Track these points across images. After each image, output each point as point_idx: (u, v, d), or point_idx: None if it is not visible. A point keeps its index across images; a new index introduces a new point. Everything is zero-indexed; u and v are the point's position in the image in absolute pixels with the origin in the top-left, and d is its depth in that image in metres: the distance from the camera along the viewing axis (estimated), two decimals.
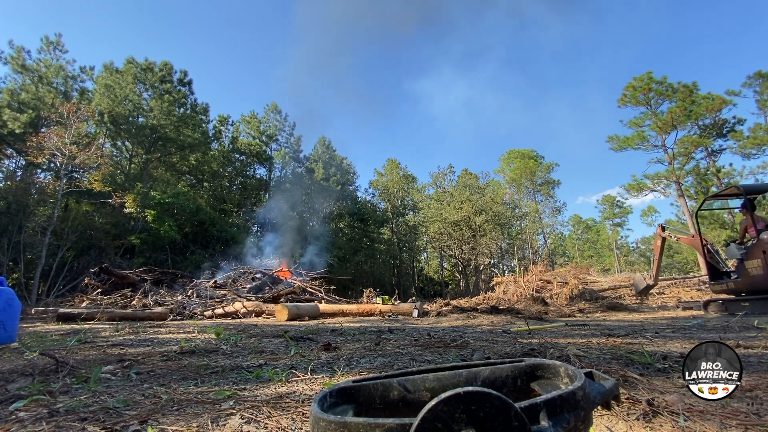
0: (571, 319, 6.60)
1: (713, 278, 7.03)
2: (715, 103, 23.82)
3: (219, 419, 1.21)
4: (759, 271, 5.89)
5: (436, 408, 0.50)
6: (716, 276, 7.03)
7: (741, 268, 6.22)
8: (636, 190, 27.96)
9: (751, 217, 6.43)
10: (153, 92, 22.29)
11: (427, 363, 2.22)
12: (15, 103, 17.49)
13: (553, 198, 41.90)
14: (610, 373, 1.67)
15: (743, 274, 6.15)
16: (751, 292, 6.08)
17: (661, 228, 8.89)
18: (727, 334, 3.32)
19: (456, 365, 0.85)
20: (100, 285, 11.25)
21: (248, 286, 11.97)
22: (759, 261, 5.88)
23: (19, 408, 1.34)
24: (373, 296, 14.03)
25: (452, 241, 33.25)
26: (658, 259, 8.98)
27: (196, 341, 3.39)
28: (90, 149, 17.26)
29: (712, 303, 6.69)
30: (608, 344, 2.72)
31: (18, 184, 16.94)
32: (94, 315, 6.86)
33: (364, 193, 39.02)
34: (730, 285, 6.45)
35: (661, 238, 8.82)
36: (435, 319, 7.19)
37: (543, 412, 0.56)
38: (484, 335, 3.69)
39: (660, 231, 8.85)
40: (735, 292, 6.42)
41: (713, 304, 6.64)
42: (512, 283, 13.47)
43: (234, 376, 1.94)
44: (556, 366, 0.79)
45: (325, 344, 2.95)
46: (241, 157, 29.96)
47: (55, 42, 20.05)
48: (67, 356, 2.51)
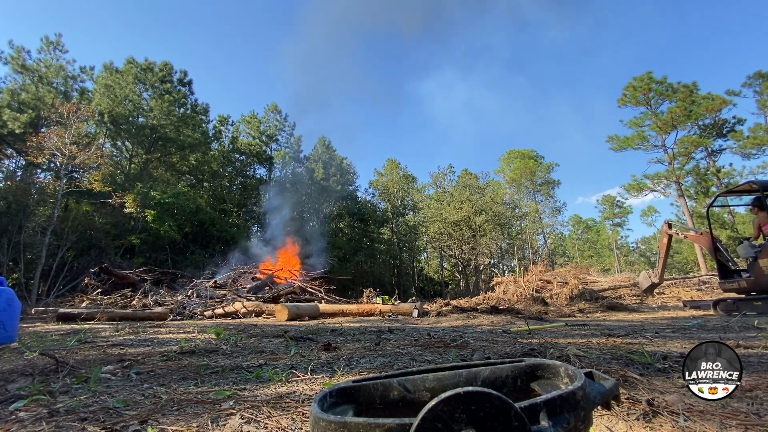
0: (571, 319, 6.60)
1: (723, 276, 6.80)
2: (715, 103, 23.82)
3: (219, 419, 1.21)
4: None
5: (436, 408, 0.50)
6: (727, 274, 6.81)
7: (755, 267, 6.02)
8: (636, 190, 27.96)
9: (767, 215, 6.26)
10: (153, 92, 22.28)
11: (427, 363, 2.22)
12: (15, 103, 17.49)
13: (553, 198, 41.92)
14: (610, 373, 1.67)
15: (757, 272, 5.95)
16: (765, 290, 5.91)
17: (667, 225, 8.55)
18: (727, 334, 3.32)
19: (456, 365, 0.85)
20: (100, 285, 11.25)
21: (248, 286, 11.97)
22: None
23: (19, 408, 1.34)
24: (373, 296, 14.02)
25: (452, 241, 33.25)
26: (664, 257, 8.61)
27: (196, 341, 3.39)
28: (90, 149, 17.26)
29: (721, 302, 6.48)
30: (608, 344, 2.72)
31: (18, 184, 16.94)
32: (94, 315, 6.86)
33: (364, 193, 39.05)
34: (743, 284, 6.25)
35: (668, 235, 8.45)
36: (435, 319, 7.19)
37: (543, 412, 0.56)
38: (484, 335, 3.69)
39: (666, 228, 8.50)
40: (747, 290, 6.24)
41: (723, 303, 6.44)
42: (512, 283, 13.46)
43: (234, 376, 1.94)
44: (556, 366, 0.79)
45: (325, 344, 2.95)
46: (241, 157, 29.96)
47: (56, 42, 20.05)
48: (67, 356, 2.51)
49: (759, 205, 6.57)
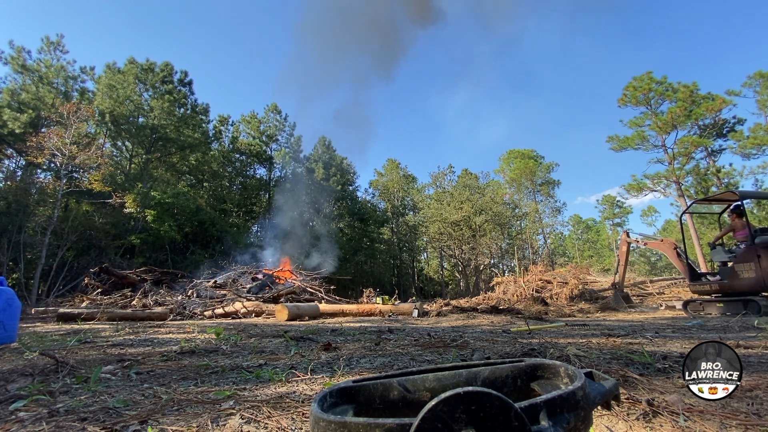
0: (571, 319, 6.60)
1: (692, 279, 7.22)
2: (715, 103, 23.80)
3: (219, 419, 1.21)
4: (750, 273, 6.00)
5: (436, 408, 0.50)
6: (695, 277, 7.24)
7: (729, 271, 6.36)
8: (636, 190, 27.93)
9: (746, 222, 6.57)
10: (154, 92, 22.29)
11: (427, 363, 2.22)
12: (15, 103, 17.48)
13: (553, 198, 41.90)
14: (610, 373, 1.67)
15: (732, 276, 6.27)
16: (739, 293, 6.19)
17: (626, 234, 9.23)
18: (727, 334, 3.32)
19: (456, 365, 0.85)
20: (100, 285, 11.25)
21: (248, 286, 11.97)
22: (752, 264, 6.00)
23: (19, 408, 1.34)
24: (373, 296, 14.02)
25: (452, 241, 33.24)
26: (624, 265, 9.26)
27: (196, 341, 3.39)
28: (90, 149, 17.26)
29: (691, 303, 6.95)
30: (608, 344, 2.72)
31: (18, 184, 16.93)
32: (94, 315, 6.86)
33: (364, 193, 39.04)
34: (714, 286, 6.58)
35: (627, 243, 9.18)
36: (435, 319, 7.19)
37: (543, 412, 0.56)
38: (484, 335, 3.69)
39: (625, 237, 9.26)
40: (719, 293, 6.55)
41: (692, 303, 6.90)
42: (512, 283, 13.46)
43: (234, 376, 1.94)
44: (556, 366, 0.79)
45: (325, 344, 2.95)
46: (241, 157, 29.95)
47: (56, 42, 20.04)
48: (67, 356, 2.51)
49: (738, 212, 6.87)
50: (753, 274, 5.95)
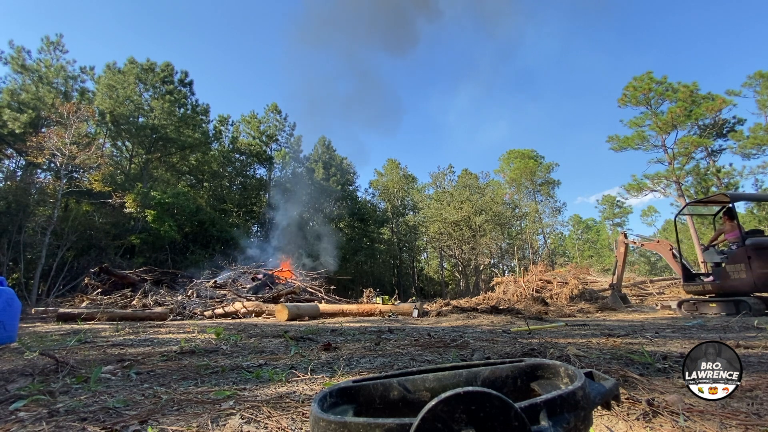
0: (571, 319, 6.60)
1: (687, 279, 7.35)
2: (715, 103, 23.79)
3: (219, 419, 1.21)
4: (741, 275, 6.11)
5: (436, 408, 0.50)
6: (689, 278, 7.36)
7: (721, 271, 6.47)
8: (636, 190, 27.92)
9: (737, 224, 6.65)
10: (154, 92, 22.30)
11: (427, 363, 2.22)
12: (15, 103, 17.47)
13: (553, 198, 41.87)
14: (610, 373, 1.67)
15: (723, 277, 6.37)
16: (731, 294, 6.29)
17: (623, 235, 9.36)
18: (727, 334, 3.32)
19: (456, 365, 0.85)
20: (100, 285, 11.25)
21: (248, 286, 11.96)
22: (743, 265, 6.11)
23: (19, 408, 1.34)
24: (373, 296, 14.02)
25: (452, 241, 33.24)
26: (621, 266, 9.37)
27: (196, 341, 3.39)
28: (90, 149, 17.26)
29: (685, 302, 7.09)
30: (608, 344, 2.72)
31: (18, 184, 16.93)
32: (94, 315, 6.86)
33: (364, 193, 39.02)
34: (707, 287, 6.69)
35: (624, 245, 9.28)
36: (435, 319, 7.19)
37: (543, 412, 0.56)
38: (484, 335, 3.69)
39: (623, 238, 9.38)
40: (712, 293, 6.66)
41: (686, 303, 7.04)
42: (512, 283, 13.46)
43: (234, 376, 1.94)
44: (556, 366, 0.79)
45: (325, 344, 2.95)
46: (241, 157, 29.95)
47: (56, 42, 20.04)
48: (67, 356, 2.51)
49: (729, 215, 6.95)
50: (744, 275, 6.08)
